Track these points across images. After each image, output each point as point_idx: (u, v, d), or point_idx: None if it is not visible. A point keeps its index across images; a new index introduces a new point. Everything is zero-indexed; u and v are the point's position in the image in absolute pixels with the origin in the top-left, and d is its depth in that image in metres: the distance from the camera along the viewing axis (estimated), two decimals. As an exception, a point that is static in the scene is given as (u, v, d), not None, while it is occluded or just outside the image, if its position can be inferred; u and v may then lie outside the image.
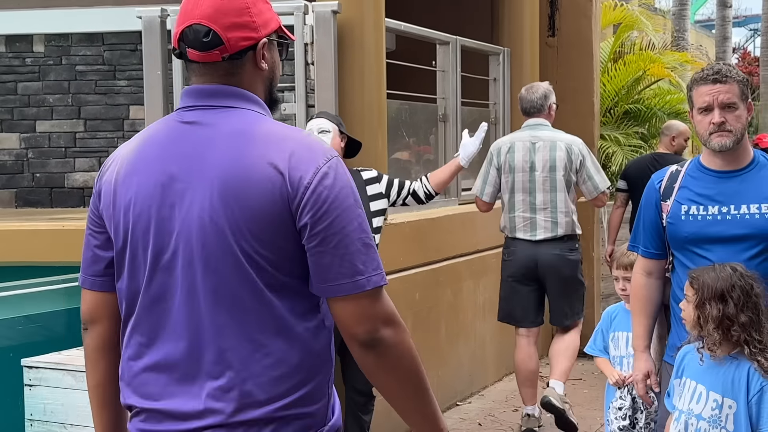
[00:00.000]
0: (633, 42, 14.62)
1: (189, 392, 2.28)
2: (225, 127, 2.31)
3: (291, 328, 2.29)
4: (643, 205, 4.05)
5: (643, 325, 4.06)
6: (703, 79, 3.76)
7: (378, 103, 6.55)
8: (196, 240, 2.25)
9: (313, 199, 2.22)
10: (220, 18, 2.28)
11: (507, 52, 8.95)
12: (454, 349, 7.52)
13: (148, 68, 6.58)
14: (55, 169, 8.14)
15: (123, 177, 2.36)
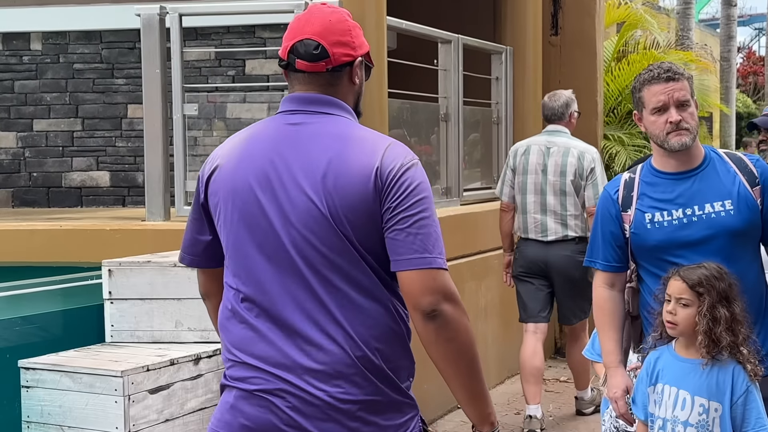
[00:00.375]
0: (637, 41, 14.56)
1: (293, 345, 2.71)
2: (325, 129, 2.76)
3: (381, 296, 2.75)
4: (600, 217, 3.91)
5: (614, 340, 3.91)
6: (655, 78, 3.68)
7: (379, 102, 6.56)
8: (301, 222, 2.69)
9: (397, 187, 2.68)
10: (328, 36, 2.75)
11: (509, 50, 8.95)
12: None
13: (147, 66, 6.58)
14: (53, 169, 8.15)
15: (232, 168, 2.78)
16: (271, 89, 6.93)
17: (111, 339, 5.44)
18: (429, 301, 2.65)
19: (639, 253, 3.82)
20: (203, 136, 7.10)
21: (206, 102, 7.01)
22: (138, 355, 5.06)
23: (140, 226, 6.53)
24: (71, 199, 8.09)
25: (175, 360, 5.00)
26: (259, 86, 7.01)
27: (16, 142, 8.16)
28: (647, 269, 3.80)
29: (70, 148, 8.12)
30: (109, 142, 8.00)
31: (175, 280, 5.39)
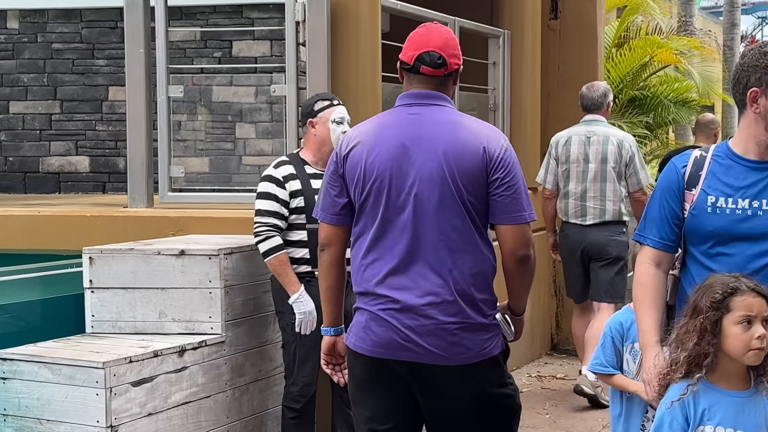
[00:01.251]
0: (639, 26, 14.60)
1: (409, 279, 3.78)
2: (440, 117, 3.84)
3: (484, 242, 3.83)
4: (661, 191, 3.68)
5: (653, 318, 3.67)
6: None
7: (372, 86, 6.55)
8: (427, 188, 3.73)
9: (501, 163, 3.77)
10: (446, 49, 3.82)
11: (507, 34, 8.93)
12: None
13: (130, 46, 6.55)
14: (30, 153, 8.11)
15: (368, 148, 3.81)
16: (258, 71, 6.91)
17: (92, 329, 5.43)
18: (522, 251, 3.82)
19: (692, 238, 3.64)
20: (188, 120, 7.08)
21: (191, 84, 6.99)
22: (120, 346, 5.04)
23: (122, 213, 6.51)
24: (49, 185, 8.05)
25: (159, 351, 4.99)
26: (247, 68, 6.98)
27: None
28: (695, 257, 3.64)
29: (47, 132, 8.07)
30: (89, 126, 7.96)
31: (159, 268, 5.39)
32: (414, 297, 3.77)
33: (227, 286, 5.38)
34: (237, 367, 5.46)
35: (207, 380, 5.26)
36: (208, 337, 5.27)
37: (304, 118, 5.49)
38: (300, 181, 5.36)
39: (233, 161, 6.98)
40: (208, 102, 7.04)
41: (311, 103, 5.50)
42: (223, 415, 5.37)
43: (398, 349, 3.79)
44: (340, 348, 4.16)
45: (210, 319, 5.33)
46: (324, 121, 5.41)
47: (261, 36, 7.00)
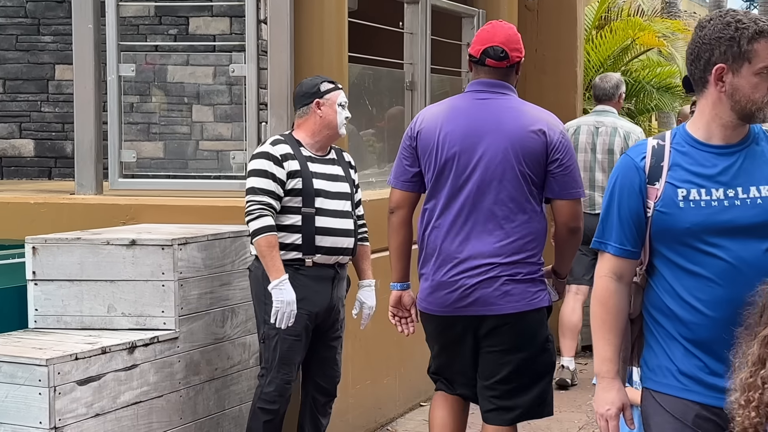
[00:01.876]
0: (620, 7, 14.62)
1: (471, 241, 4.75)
2: (505, 103, 4.80)
3: (537, 212, 4.80)
4: (619, 190, 3.42)
5: (614, 345, 3.45)
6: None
7: (339, 66, 6.52)
8: (492, 164, 4.67)
9: (560, 146, 4.74)
10: (509, 44, 4.75)
11: (482, 14, 8.91)
12: (419, 344, 7.40)
13: (78, 22, 6.47)
14: (-31, 136, 8.01)
15: (440, 126, 4.77)
16: (217, 50, 6.84)
17: (35, 324, 5.39)
18: (575, 223, 4.84)
19: (662, 238, 3.37)
20: (140, 102, 7.00)
21: (144, 64, 6.92)
22: (65, 343, 5.00)
23: (69, 200, 6.43)
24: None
25: (107, 348, 4.95)
26: (204, 47, 6.92)
27: (-74, 106, 8.03)
28: (668, 258, 3.37)
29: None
30: (34, 107, 7.87)
31: (108, 259, 5.34)
32: (474, 258, 4.72)
33: (181, 278, 5.34)
34: (192, 364, 5.41)
35: (159, 379, 5.21)
36: (160, 332, 5.22)
37: (309, 98, 5.44)
38: (298, 162, 5.35)
39: (189, 146, 6.92)
40: (162, 83, 6.97)
41: (317, 84, 5.49)
42: (176, 416, 5.32)
43: (460, 306, 4.78)
44: (405, 302, 5.14)
45: (163, 314, 5.28)
46: (332, 104, 5.46)
47: (220, 12, 6.94)
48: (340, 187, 5.51)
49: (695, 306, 3.31)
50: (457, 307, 4.78)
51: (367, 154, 7.61)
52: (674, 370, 3.34)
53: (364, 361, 6.63)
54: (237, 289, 5.62)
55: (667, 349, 3.38)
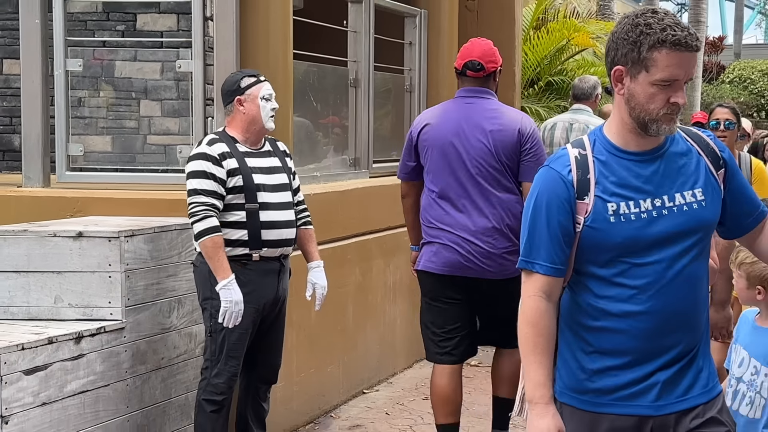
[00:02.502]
0: (557, 9, 14.73)
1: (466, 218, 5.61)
2: (488, 105, 5.69)
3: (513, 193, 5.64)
4: (546, 205, 3.15)
5: (547, 368, 3.18)
6: (680, 43, 2.99)
7: (284, 63, 6.50)
8: (479, 154, 5.54)
9: (530, 139, 5.59)
10: (484, 57, 5.67)
11: (424, 14, 8.92)
12: (362, 333, 7.47)
13: (25, 16, 6.39)
14: None
15: (437, 125, 5.68)
16: (164, 46, 6.75)
17: (-18, 315, 5.28)
18: None
19: (591, 253, 3.16)
20: (89, 97, 6.89)
21: (92, 59, 6.81)
22: (12, 333, 4.93)
23: (16, 192, 6.35)
24: (-61, 164, 7.81)
25: (54, 338, 4.89)
26: (152, 42, 6.82)
27: None
28: (592, 273, 3.18)
29: (-61, 108, 7.82)
30: (-17, 102, 7.73)
31: (56, 251, 5.27)
32: (472, 230, 5.55)
33: (128, 270, 5.28)
34: (138, 354, 5.36)
35: (106, 368, 5.15)
36: (107, 323, 5.16)
37: (231, 96, 5.37)
38: (236, 160, 5.29)
39: (137, 140, 6.82)
40: (110, 77, 6.87)
41: (237, 80, 5.41)
42: (123, 405, 5.26)
43: (461, 268, 5.59)
44: (416, 257, 5.91)
45: (109, 305, 5.22)
46: (253, 98, 5.36)
47: (167, 9, 6.85)
48: (279, 179, 5.47)
49: (622, 317, 3.14)
50: (457, 268, 5.60)
51: (312, 149, 7.57)
52: (590, 384, 3.17)
53: (308, 351, 6.62)
54: (183, 280, 5.57)
55: (583, 363, 3.19)
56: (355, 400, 7.30)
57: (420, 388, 7.49)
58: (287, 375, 6.10)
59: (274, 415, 5.81)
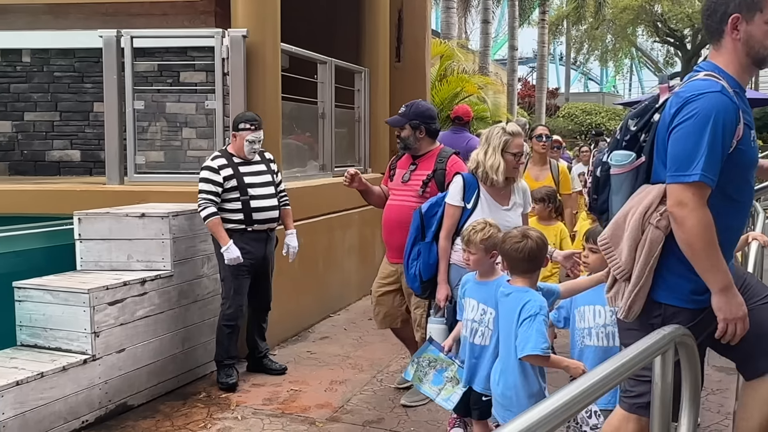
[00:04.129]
0: (453, 68, 14.80)
1: None
2: (467, 135, 7.26)
3: None
4: (722, 126, 2.41)
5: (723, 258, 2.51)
6: None
7: (275, 104, 6.46)
8: None
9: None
10: (464, 114, 7.49)
11: (367, 71, 8.92)
12: (329, 278, 7.51)
13: (107, 75, 6.33)
14: (39, 148, 7.76)
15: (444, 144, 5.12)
16: (198, 92, 6.72)
17: (80, 267, 5.28)
18: None
19: (735, 173, 2.52)
20: (148, 126, 6.85)
21: (151, 101, 6.77)
22: (100, 279, 4.93)
23: (102, 188, 6.29)
24: (52, 170, 7.71)
25: (127, 282, 4.89)
26: (189, 90, 6.79)
27: (11, 128, 7.72)
28: (727, 193, 2.53)
29: (51, 133, 7.72)
30: (80, 129, 7.65)
31: (127, 226, 5.25)
32: None
33: (174, 237, 5.27)
34: (182, 292, 5.35)
35: (161, 301, 5.15)
36: (161, 272, 5.17)
37: (232, 128, 5.32)
38: (231, 168, 5.18)
39: (180, 154, 6.78)
40: (162, 113, 6.81)
41: (238, 122, 5.28)
42: (173, 325, 5.27)
43: None
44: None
45: (162, 260, 5.22)
46: (241, 139, 5.24)
47: (200, 68, 6.81)
48: (264, 179, 5.34)
49: (733, 231, 2.64)
50: None
51: (295, 159, 7.57)
52: (699, 287, 2.54)
53: (292, 289, 6.63)
54: (209, 244, 5.55)
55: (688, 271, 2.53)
56: (324, 321, 7.28)
57: (366, 312, 7.39)
58: (278, 305, 6.11)
59: (270, 331, 5.81)
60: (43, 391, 4.22)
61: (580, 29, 39.66)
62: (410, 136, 4.82)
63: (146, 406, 4.92)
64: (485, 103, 14.71)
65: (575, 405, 1.76)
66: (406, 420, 4.63)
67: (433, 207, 4.34)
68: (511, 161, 4.12)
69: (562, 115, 28.49)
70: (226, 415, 4.76)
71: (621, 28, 36.45)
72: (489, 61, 21.70)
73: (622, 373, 2.07)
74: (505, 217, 4.11)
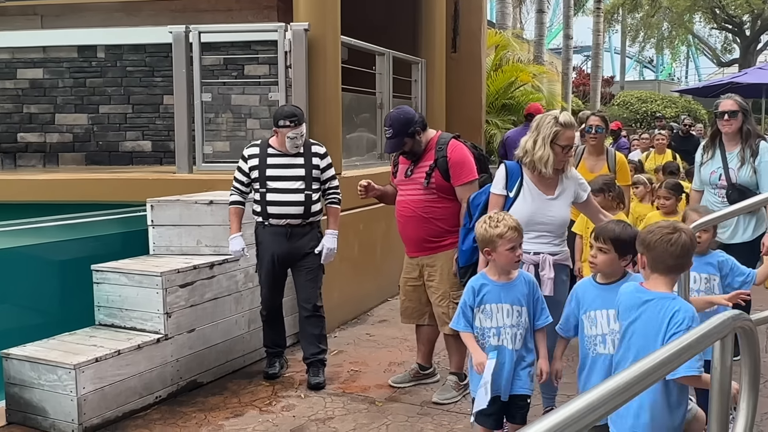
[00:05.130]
0: (508, 58, 14.64)
1: None
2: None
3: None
4: None
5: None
6: None
7: (335, 95, 6.50)
8: None
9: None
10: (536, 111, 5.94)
11: (423, 62, 8.92)
12: (387, 263, 7.53)
13: (176, 68, 6.46)
14: (113, 139, 7.97)
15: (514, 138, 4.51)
16: (261, 84, 6.82)
17: (153, 252, 5.42)
18: None
19: None
20: (215, 117, 6.98)
21: (217, 93, 6.89)
22: (171, 262, 5.05)
23: (172, 177, 6.44)
24: (125, 160, 7.92)
25: (197, 265, 4.99)
26: (253, 82, 6.90)
27: (87, 120, 7.95)
28: None
29: (124, 125, 7.92)
30: (151, 121, 7.83)
31: (197, 212, 5.36)
32: None
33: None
34: (248, 275, 5.43)
35: (229, 284, 5.25)
36: (229, 256, 5.22)
37: (274, 122, 4.91)
38: (258, 159, 4.89)
39: (245, 144, 6.83)
40: (228, 105, 6.94)
41: (277, 118, 4.86)
42: (240, 307, 5.37)
43: None
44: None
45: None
46: (282, 135, 4.84)
47: (263, 61, 6.91)
48: (292, 172, 4.86)
49: None
50: None
51: (354, 148, 7.63)
52: None
53: (353, 274, 6.68)
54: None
55: None
56: (382, 305, 7.29)
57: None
58: (339, 289, 6.18)
59: (331, 314, 5.79)
60: (120, 367, 4.37)
61: (636, 17, 38.76)
62: (414, 144, 4.58)
63: (215, 383, 5.05)
64: (540, 91, 14.52)
65: (634, 387, 1.73)
66: (462, 401, 4.66)
67: (479, 195, 4.21)
68: (560, 153, 3.86)
69: (617, 103, 27.95)
70: (289, 393, 4.85)
71: (678, 15, 35.50)
72: (543, 50, 21.40)
73: (679, 357, 2.04)
74: (548, 207, 3.87)
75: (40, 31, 8.18)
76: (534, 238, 3.81)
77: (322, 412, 4.51)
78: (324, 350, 5.06)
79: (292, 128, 4.79)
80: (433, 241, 4.66)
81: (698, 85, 22.86)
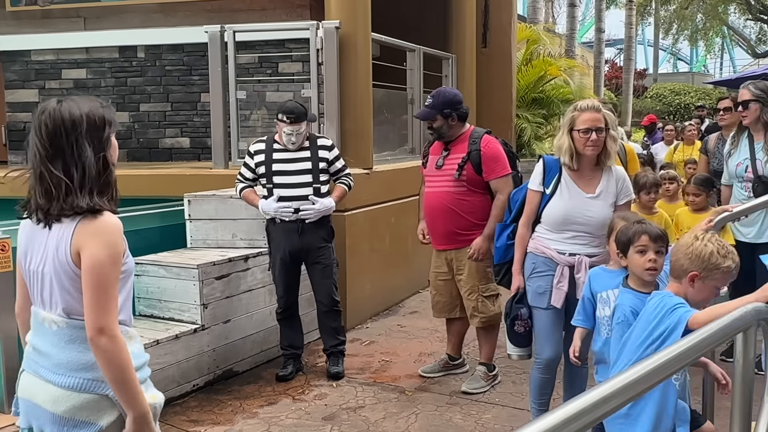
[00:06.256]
0: (538, 52, 14.50)
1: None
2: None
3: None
4: None
5: None
6: None
7: (366, 91, 6.51)
8: None
9: None
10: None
11: (454, 57, 8.88)
12: (417, 255, 7.51)
13: (212, 67, 6.52)
14: (152, 136, 8.08)
15: None
16: (295, 82, 6.85)
17: (190, 245, 5.48)
18: None
19: None
20: (250, 114, 7.03)
21: (252, 91, 6.94)
22: (208, 255, 5.10)
23: (209, 172, 6.50)
24: (165, 155, 8.03)
25: (232, 258, 5.04)
26: (287, 79, 6.93)
27: (129, 118, 8.07)
28: None
29: (163, 123, 8.03)
30: (189, 118, 7.92)
31: (232, 207, 5.41)
32: None
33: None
34: (282, 267, 5.45)
35: (262, 277, 5.28)
36: (263, 249, 5.26)
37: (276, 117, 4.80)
38: (264, 155, 4.79)
39: (280, 139, 6.96)
40: (262, 102, 6.98)
41: (277, 112, 4.77)
42: (272, 298, 5.37)
43: None
44: None
45: (263, 238, 5.24)
46: (280, 129, 4.75)
47: (296, 59, 6.94)
48: (299, 167, 4.74)
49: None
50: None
51: (385, 143, 7.63)
52: None
53: (383, 266, 6.69)
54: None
55: None
56: (414, 296, 7.29)
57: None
58: (370, 281, 6.18)
59: (363, 305, 5.84)
60: (159, 356, 4.45)
61: (669, 9, 38.09)
62: (443, 125, 4.51)
63: (250, 372, 5.10)
64: (570, 85, 14.37)
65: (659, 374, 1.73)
66: (491, 391, 4.65)
67: (519, 191, 4.01)
68: (579, 140, 3.52)
69: (650, 96, 27.55)
70: (322, 382, 4.89)
71: (712, 7, 34.81)
72: (575, 44, 21.18)
73: (702, 349, 2.02)
74: (587, 206, 3.55)
75: (83, 33, 8.31)
76: (569, 238, 3.57)
77: (353, 401, 4.54)
78: (343, 341, 5.05)
79: (288, 124, 4.68)
80: (461, 234, 4.59)
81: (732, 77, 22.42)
